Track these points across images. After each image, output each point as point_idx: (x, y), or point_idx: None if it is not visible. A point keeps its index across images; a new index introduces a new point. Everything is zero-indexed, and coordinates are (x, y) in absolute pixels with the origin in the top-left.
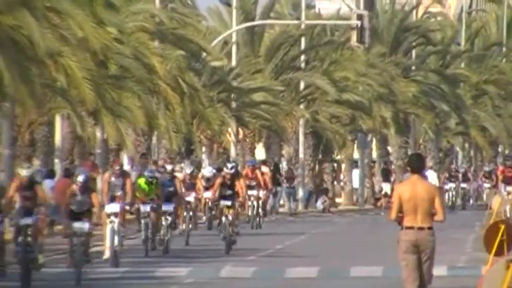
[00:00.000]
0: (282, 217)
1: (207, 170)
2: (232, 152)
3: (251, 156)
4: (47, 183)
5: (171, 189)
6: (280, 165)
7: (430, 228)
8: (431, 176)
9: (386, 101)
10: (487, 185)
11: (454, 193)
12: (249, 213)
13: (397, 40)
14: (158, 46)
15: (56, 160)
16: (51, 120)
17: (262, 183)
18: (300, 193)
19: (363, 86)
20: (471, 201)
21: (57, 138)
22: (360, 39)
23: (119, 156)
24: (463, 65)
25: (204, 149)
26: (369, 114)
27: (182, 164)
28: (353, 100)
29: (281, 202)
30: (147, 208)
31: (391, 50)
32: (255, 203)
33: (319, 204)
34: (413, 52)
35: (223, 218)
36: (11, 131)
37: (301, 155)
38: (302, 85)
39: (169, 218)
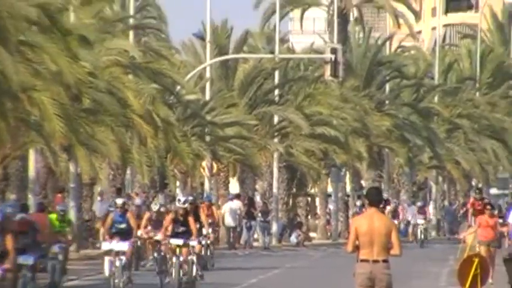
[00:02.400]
0: (256, 251)
1: (154, 205)
2: (207, 186)
3: (225, 191)
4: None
5: (123, 226)
6: (255, 199)
7: (385, 261)
8: (411, 211)
9: (360, 134)
10: (420, 221)
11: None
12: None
13: (371, 74)
14: (132, 80)
15: (30, 195)
16: (25, 155)
17: (219, 220)
18: (274, 227)
19: (337, 120)
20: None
21: (31, 173)
22: (334, 73)
23: (93, 190)
24: (436, 98)
25: (178, 183)
26: (343, 148)
27: (156, 199)
28: (327, 134)
29: (255, 236)
30: (56, 248)
31: (365, 83)
32: (208, 241)
33: (293, 238)
34: (387, 86)
35: (174, 258)
36: None
37: (275, 189)
38: (276, 119)
39: (123, 259)
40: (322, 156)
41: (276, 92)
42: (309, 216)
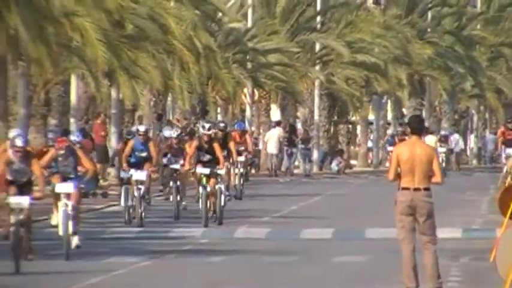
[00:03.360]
0: (296, 178)
1: (166, 131)
2: (248, 113)
3: (266, 118)
4: None
5: (144, 154)
6: (296, 127)
7: (426, 189)
8: (430, 140)
9: (402, 62)
10: (441, 149)
11: None
12: (236, 182)
13: (413, 1)
14: (174, 6)
15: (71, 119)
16: (67, 80)
17: (251, 149)
18: (315, 154)
19: (378, 47)
20: None
21: (73, 98)
22: (376, 0)
23: (134, 116)
24: (478, 26)
25: (219, 109)
26: (385, 76)
27: (198, 125)
28: (368, 62)
29: (296, 163)
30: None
31: (407, 11)
32: (242, 169)
33: (334, 166)
34: (429, 14)
35: (201, 189)
36: (26, 90)
37: (316, 117)
38: (317, 46)
39: (142, 188)
40: (363, 84)
41: (318, 19)
42: (350, 144)
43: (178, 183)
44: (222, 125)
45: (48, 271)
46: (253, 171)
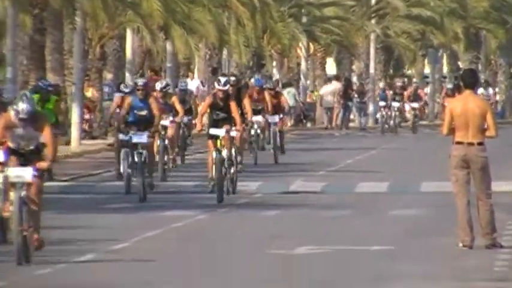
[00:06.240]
0: (352, 132)
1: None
2: (303, 66)
3: (321, 71)
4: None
5: (144, 112)
6: (351, 80)
7: (480, 143)
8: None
9: (457, 16)
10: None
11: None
12: (252, 144)
13: None
14: None
15: (127, 74)
16: (122, 34)
17: (269, 107)
18: (371, 108)
19: (433, 1)
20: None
21: (128, 52)
22: None
23: (190, 70)
24: None
25: (274, 63)
26: (440, 29)
27: (252, 79)
28: (424, 15)
29: (351, 117)
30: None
31: None
32: (259, 131)
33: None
34: None
35: (214, 154)
36: (82, 44)
37: (371, 70)
38: (373, 0)
39: (143, 153)
40: (419, 38)
41: None
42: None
43: (166, 141)
44: (233, 78)
45: (101, 225)
46: (308, 124)
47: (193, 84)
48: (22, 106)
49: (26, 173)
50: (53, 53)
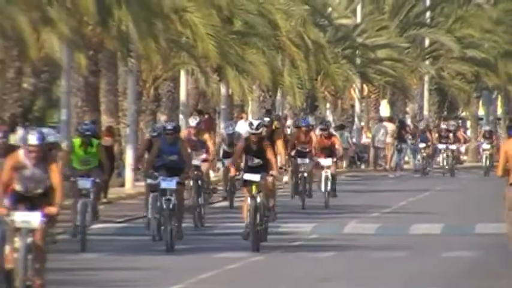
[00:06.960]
0: (406, 173)
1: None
2: (357, 108)
3: (375, 113)
4: None
5: (173, 158)
6: (405, 122)
7: None
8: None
9: None
10: (486, 146)
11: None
12: (297, 188)
13: None
14: (283, 2)
15: (181, 115)
16: (176, 76)
17: (313, 150)
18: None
19: (488, 42)
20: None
21: (182, 94)
22: None
23: (244, 111)
24: None
25: (328, 105)
26: (495, 71)
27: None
28: (478, 57)
29: (406, 159)
30: (88, 184)
31: None
32: (305, 174)
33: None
34: None
35: (249, 200)
36: (136, 86)
37: (425, 112)
38: (427, 42)
39: (172, 199)
40: (473, 79)
41: (427, 14)
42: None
43: (199, 182)
44: (267, 119)
45: (156, 266)
46: (362, 166)
47: (243, 126)
48: (31, 137)
49: (34, 218)
50: (107, 95)
